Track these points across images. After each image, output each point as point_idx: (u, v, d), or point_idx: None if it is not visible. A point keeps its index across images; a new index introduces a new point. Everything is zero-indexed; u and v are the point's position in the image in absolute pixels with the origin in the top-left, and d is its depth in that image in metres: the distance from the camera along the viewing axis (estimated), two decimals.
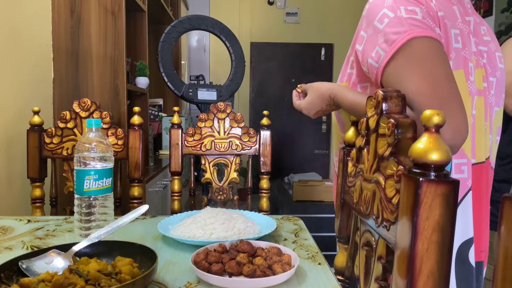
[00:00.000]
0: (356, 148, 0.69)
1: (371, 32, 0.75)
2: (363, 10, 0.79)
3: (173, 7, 3.32)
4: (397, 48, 0.71)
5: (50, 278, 0.58)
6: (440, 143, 0.42)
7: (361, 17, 0.81)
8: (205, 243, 0.80)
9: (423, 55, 0.70)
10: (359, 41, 0.78)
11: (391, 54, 0.71)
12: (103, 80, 1.82)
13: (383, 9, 0.73)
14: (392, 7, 0.73)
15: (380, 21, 0.73)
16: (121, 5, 1.81)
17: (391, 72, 0.72)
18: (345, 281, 0.76)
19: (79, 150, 0.92)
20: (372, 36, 0.74)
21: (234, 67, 2.62)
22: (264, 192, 1.44)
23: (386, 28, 0.72)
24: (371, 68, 0.76)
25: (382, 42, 0.73)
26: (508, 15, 3.26)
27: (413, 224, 0.43)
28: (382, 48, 0.73)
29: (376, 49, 0.74)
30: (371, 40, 0.75)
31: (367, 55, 0.76)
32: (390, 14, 0.72)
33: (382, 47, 0.73)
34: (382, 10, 0.73)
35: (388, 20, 0.72)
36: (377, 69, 0.74)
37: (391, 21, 0.72)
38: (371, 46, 0.75)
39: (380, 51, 0.73)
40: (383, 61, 0.73)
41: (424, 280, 0.42)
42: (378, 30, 0.73)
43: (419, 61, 0.70)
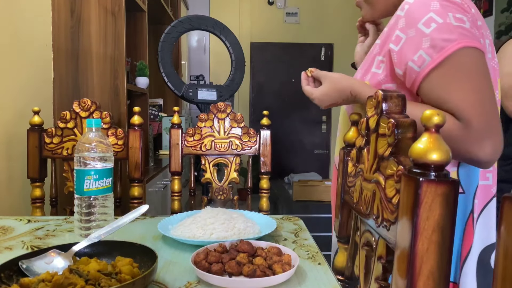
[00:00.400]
0: (356, 148, 0.69)
1: (413, 34, 0.73)
2: (399, 9, 0.77)
3: (173, 7, 3.32)
4: (446, 56, 0.70)
5: (50, 278, 0.58)
6: (440, 143, 0.42)
7: (395, 15, 0.78)
8: (205, 243, 0.80)
9: (472, 67, 0.70)
10: (395, 42, 0.76)
11: (438, 61, 0.70)
12: (103, 80, 1.82)
13: (430, 12, 0.72)
14: (440, 12, 0.71)
15: (426, 24, 0.71)
16: (121, 5, 1.81)
17: (436, 78, 0.71)
18: (345, 281, 0.76)
19: (79, 150, 0.92)
20: (415, 39, 0.73)
21: (234, 67, 2.62)
22: (264, 192, 1.44)
23: (434, 33, 0.71)
24: (410, 71, 0.74)
25: (428, 47, 0.71)
26: (508, 15, 3.26)
27: (413, 224, 0.43)
28: (428, 53, 0.71)
29: (420, 53, 0.72)
30: (413, 43, 0.73)
31: (407, 58, 0.74)
32: (439, 19, 0.71)
33: (428, 52, 0.71)
34: (429, 14, 0.72)
35: (436, 25, 0.71)
36: (417, 73, 0.73)
37: (440, 27, 0.71)
38: (412, 48, 0.73)
39: (424, 55, 0.71)
40: (428, 66, 0.71)
41: (424, 280, 0.42)
42: (423, 33, 0.72)
43: (468, 73, 0.70)
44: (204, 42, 4.95)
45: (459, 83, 0.70)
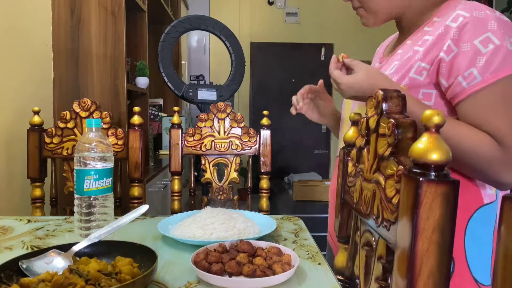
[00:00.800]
0: (356, 148, 0.69)
1: (468, 49, 0.73)
2: (451, 20, 0.77)
3: (173, 7, 3.32)
4: (497, 79, 0.71)
5: (50, 278, 0.58)
6: (440, 143, 0.42)
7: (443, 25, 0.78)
8: (205, 243, 0.80)
9: None
10: (447, 52, 0.76)
11: (488, 83, 0.72)
12: (103, 80, 1.82)
13: (488, 32, 0.73)
14: (498, 33, 0.73)
15: (484, 44, 0.73)
16: (121, 5, 1.81)
17: (482, 99, 0.73)
18: (345, 281, 0.76)
19: (79, 150, 0.92)
20: (469, 54, 0.73)
21: (234, 67, 2.62)
22: (264, 192, 1.44)
23: (490, 54, 0.72)
24: (456, 85, 0.75)
25: (481, 66, 0.72)
26: (508, 15, 3.26)
27: (413, 224, 0.42)
28: (480, 72, 0.72)
29: (472, 70, 0.73)
30: (467, 58, 0.73)
31: (458, 71, 0.74)
32: (496, 41, 0.72)
33: (480, 72, 0.72)
34: (487, 33, 0.73)
35: (493, 47, 0.72)
36: (463, 89, 0.74)
37: (497, 49, 0.72)
38: (464, 63, 0.74)
39: (476, 74, 0.73)
40: (477, 85, 0.73)
41: (424, 280, 0.42)
42: (478, 51, 0.73)
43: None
44: (204, 42, 4.95)
45: (504, 109, 0.72)
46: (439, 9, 0.85)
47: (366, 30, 1.01)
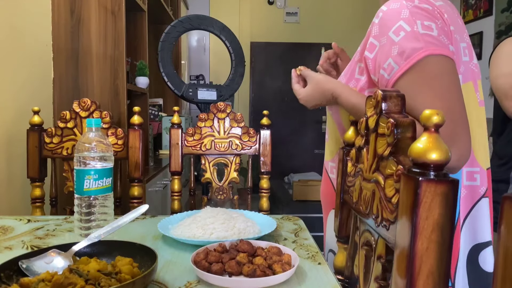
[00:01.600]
0: (355, 147, 0.69)
1: (385, 42, 0.74)
2: (375, 17, 0.78)
3: (173, 7, 3.32)
4: (412, 64, 0.71)
5: (50, 278, 0.58)
6: (439, 143, 0.42)
7: (371, 23, 0.79)
8: (205, 243, 0.80)
9: (438, 74, 0.71)
10: (370, 49, 0.77)
11: (404, 69, 0.71)
12: (103, 80, 1.82)
13: (400, 20, 0.73)
14: (409, 20, 0.72)
15: (396, 33, 0.73)
16: (121, 5, 1.81)
17: (403, 86, 0.72)
18: (345, 281, 0.76)
19: (79, 150, 0.92)
20: (386, 47, 0.74)
21: (234, 67, 2.62)
22: (264, 192, 1.44)
23: (402, 41, 0.72)
24: (381, 79, 0.76)
25: (396, 55, 0.72)
26: (508, 15, 3.25)
27: (413, 224, 0.43)
28: (396, 61, 0.72)
29: (389, 61, 0.73)
30: (384, 51, 0.74)
31: (379, 65, 0.75)
32: (407, 27, 0.72)
33: (396, 60, 0.72)
34: (398, 22, 0.73)
35: (404, 34, 0.72)
36: (387, 81, 0.74)
37: (408, 35, 0.72)
38: (383, 56, 0.74)
39: (393, 64, 0.73)
40: (395, 74, 0.73)
41: (424, 279, 0.42)
42: (392, 41, 0.73)
43: (434, 80, 0.71)
44: (204, 42, 4.95)
45: (425, 91, 0.71)
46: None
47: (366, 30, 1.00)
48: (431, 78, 0.71)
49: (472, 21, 3.67)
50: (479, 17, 3.60)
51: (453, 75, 0.72)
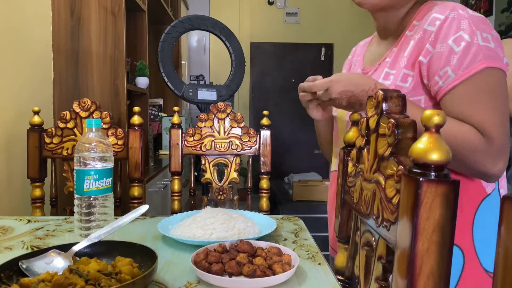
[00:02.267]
0: (356, 148, 0.69)
1: (443, 49, 0.76)
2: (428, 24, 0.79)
3: (173, 7, 3.32)
4: (470, 75, 0.74)
5: (50, 278, 0.58)
6: (440, 143, 0.42)
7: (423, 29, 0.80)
8: (205, 243, 0.80)
9: (494, 87, 0.75)
10: (425, 55, 0.78)
11: (462, 79, 0.74)
12: (103, 80, 1.82)
13: (460, 31, 0.75)
14: (470, 31, 0.75)
15: (456, 42, 0.75)
16: (121, 5, 1.81)
17: (459, 95, 0.75)
18: (345, 281, 0.76)
19: (79, 150, 0.92)
20: (443, 54, 0.76)
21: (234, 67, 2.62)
22: (264, 192, 1.44)
23: (462, 52, 0.74)
24: (434, 85, 0.78)
25: (454, 64, 0.75)
26: (508, 15, 3.26)
27: (413, 224, 0.42)
28: (453, 70, 0.75)
29: (446, 69, 0.76)
30: (442, 58, 0.76)
31: (435, 71, 0.77)
32: (467, 38, 0.75)
33: (454, 70, 0.75)
34: (459, 32, 0.75)
35: (465, 44, 0.74)
36: (440, 88, 0.77)
37: (468, 46, 0.74)
38: (440, 63, 0.76)
39: (450, 72, 0.75)
40: (451, 83, 0.75)
41: (424, 280, 0.42)
42: (452, 50, 0.75)
43: (490, 92, 0.74)
44: (204, 42, 4.95)
45: (483, 102, 0.74)
46: (418, 11, 0.86)
47: (366, 30, 1.00)
48: (488, 90, 0.74)
49: None
50: None
51: (505, 89, 0.76)
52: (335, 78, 0.82)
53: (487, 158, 0.74)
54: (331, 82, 0.81)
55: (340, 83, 0.81)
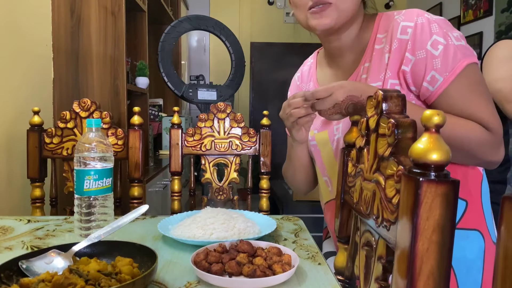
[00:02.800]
0: (356, 148, 0.69)
1: (423, 55, 0.79)
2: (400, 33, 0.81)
3: (173, 7, 3.32)
4: (456, 74, 0.77)
5: (50, 278, 0.58)
6: (440, 143, 0.42)
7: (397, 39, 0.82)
8: (205, 243, 0.80)
9: (479, 80, 0.80)
10: (406, 63, 0.81)
11: (450, 80, 0.78)
12: (103, 80, 1.82)
13: (433, 35, 0.79)
14: (442, 34, 0.79)
15: (434, 47, 0.78)
16: (121, 5, 1.81)
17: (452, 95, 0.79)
18: (345, 281, 0.76)
19: (79, 150, 0.92)
20: (426, 60, 0.79)
21: (234, 67, 2.62)
22: (264, 192, 1.44)
23: (442, 54, 0.78)
24: (424, 91, 0.80)
25: (439, 67, 0.78)
26: (508, 15, 3.25)
27: (413, 224, 0.42)
28: (440, 73, 0.78)
29: (432, 73, 0.78)
30: (424, 64, 0.79)
31: (421, 78, 0.79)
32: (442, 41, 0.78)
33: (440, 73, 0.78)
34: (433, 36, 0.78)
35: (442, 47, 0.78)
36: (431, 93, 0.80)
37: (446, 48, 0.78)
38: (424, 69, 0.79)
39: (437, 76, 0.78)
40: (441, 86, 0.78)
41: (424, 280, 0.42)
42: (432, 55, 0.78)
43: (478, 85, 0.79)
44: (204, 42, 4.95)
45: (475, 97, 0.79)
46: (375, 25, 0.88)
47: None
48: (476, 84, 0.79)
49: (472, 21, 3.67)
50: (479, 17, 3.60)
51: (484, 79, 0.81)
52: (338, 84, 0.79)
53: (493, 149, 0.79)
54: (334, 87, 0.79)
55: (345, 88, 0.79)
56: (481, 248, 0.86)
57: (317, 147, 1.00)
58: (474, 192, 0.86)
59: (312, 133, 1.00)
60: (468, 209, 0.85)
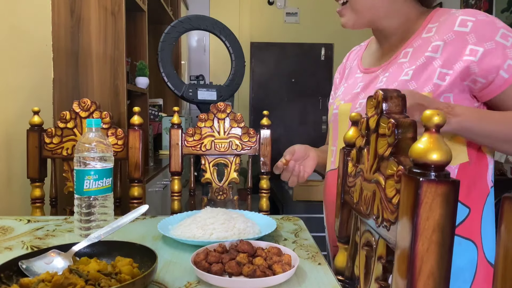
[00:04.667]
0: (356, 148, 0.69)
1: (493, 46, 0.79)
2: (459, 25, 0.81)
3: (173, 7, 3.32)
4: None
5: (50, 278, 0.58)
6: (440, 143, 0.42)
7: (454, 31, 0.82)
8: (205, 243, 0.80)
9: None
10: (472, 54, 0.80)
11: None
12: (103, 80, 1.82)
13: (500, 29, 0.80)
14: (506, 28, 0.81)
15: (504, 38, 0.79)
16: (121, 5, 1.81)
17: None
18: (345, 281, 0.76)
19: (79, 150, 0.92)
20: (498, 50, 0.79)
21: (234, 67, 2.62)
22: (264, 192, 1.44)
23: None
24: (498, 79, 0.80)
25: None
26: (508, 15, 3.25)
27: (413, 224, 0.42)
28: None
29: (508, 62, 0.79)
30: (498, 53, 0.79)
31: (496, 67, 0.79)
32: (510, 34, 0.80)
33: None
34: (500, 30, 0.80)
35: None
36: (506, 80, 0.80)
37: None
38: (499, 58, 0.79)
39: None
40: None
41: (424, 280, 0.42)
42: (504, 46, 0.79)
43: None
44: (204, 42, 4.95)
45: None
46: (429, 17, 0.89)
47: (366, 30, 1.00)
48: None
49: None
50: None
51: None
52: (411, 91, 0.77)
53: None
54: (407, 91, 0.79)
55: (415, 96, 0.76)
56: (473, 261, 0.84)
57: (337, 116, 1.01)
58: (478, 203, 0.86)
59: (339, 103, 1.02)
60: (469, 218, 0.84)
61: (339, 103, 1.02)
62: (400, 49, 0.91)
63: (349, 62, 1.11)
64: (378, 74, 0.93)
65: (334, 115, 1.04)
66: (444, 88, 0.82)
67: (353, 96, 0.97)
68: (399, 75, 0.87)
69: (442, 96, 0.83)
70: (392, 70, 0.89)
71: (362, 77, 0.99)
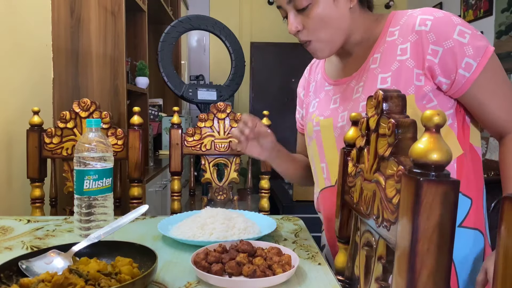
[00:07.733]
0: (356, 148, 0.69)
1: (451, 45, 0.79)
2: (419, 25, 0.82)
3: (173, 7, 3.32)
4: (487, 59, 0.79)
5: (50, 278, 0.58)
6: (440, 143, 0.42)
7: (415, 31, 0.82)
8: (205, 243, 0.80)
9: (501, 69, 0.83)
10: (433, 55, 0.81)
11: (483, 65, 0.79)
12: (103, 80, 1.82)
13: (457, 25, 0.80)
14: (464, 24, 0.81)
15: (461, 35, 0.80)
16: (121, 5, 1.81)
17: (483, 83, 0.80)
18: (345, 281, 0.76)
19: (79, 150, 0.92)
20: (455, 48, 0.79)
21: (234, 67, 2.62)
22: (264, 192, 1.44)
23: (471, 42, 0.79)
24: (460, 77, 0.80)
25: (471, 54, 0.79)
26: (508, 15, 3.25)
27: (414, 224, 0.42)
28: (473, 59, 0.79)
29: (466, 60, 0.80)
30: (455, 52, 0.79)
31: (455, 65, 0.80)
32: (467, 30, 0.80)
33: (473, 59, 0.79)
34: (457, 27, 0.80)
35: (469, 35, 0.80)
36: (467, 79, 0.80)
37: (472, 36, 0.80)
38: (457, 57, 0.80)
39: (471, 61, 0.79)
40: (476, 71, 0.79)
41: (424, 280, 0.42)
42: (462, 43, 0.79)
43: (503, 75, 0.83)
44: (204, 42, 4.95)
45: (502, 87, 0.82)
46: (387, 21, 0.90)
47: None
48: (501, 71, 0.82)
49: (472, 21, 3.67)
50: (479, 17, 3.60)
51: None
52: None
53: None
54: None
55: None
56: (483, 250, 0.86)
57: (320, 132, 1.00)
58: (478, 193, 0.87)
59: (318, 119, 1.00)
60: (472, 208, 0.85)
61: (318, 120, 0.99)
62: (368, 57, 0.91)
63: (312, 76, 1.10)
64: (350, 84, 0.93)
65: (315, 132, 1.01)
66: (425, 88, 0.83)
67: (332, 111, 0.96)
68: (376, 83, 0.87)
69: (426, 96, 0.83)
70: (365, 78, 0.89)
71: (333, 89, 0.97)
